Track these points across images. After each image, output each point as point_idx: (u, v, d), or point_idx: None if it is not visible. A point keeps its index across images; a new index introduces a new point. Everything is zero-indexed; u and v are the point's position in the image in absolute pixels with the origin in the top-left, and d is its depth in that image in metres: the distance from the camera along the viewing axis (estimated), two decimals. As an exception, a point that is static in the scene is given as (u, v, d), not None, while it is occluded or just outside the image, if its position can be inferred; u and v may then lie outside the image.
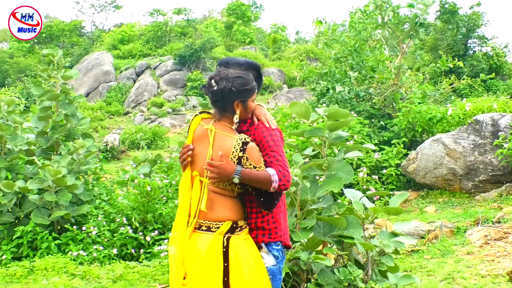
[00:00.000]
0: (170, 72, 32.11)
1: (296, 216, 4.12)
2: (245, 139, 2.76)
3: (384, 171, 9.53)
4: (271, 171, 2.72)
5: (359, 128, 10.29)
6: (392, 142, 10.35)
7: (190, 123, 2.96)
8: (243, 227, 2.83)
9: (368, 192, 4.65)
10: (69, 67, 28.94)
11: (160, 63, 33.39)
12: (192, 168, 2.87)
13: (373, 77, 11.91)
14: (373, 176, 9.27)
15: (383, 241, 4.02)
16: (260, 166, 2.73)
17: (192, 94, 29.62)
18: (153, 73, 32.56)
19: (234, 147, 2.75)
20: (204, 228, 2.80)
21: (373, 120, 11.57)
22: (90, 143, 7.65)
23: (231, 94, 2.78)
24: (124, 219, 7.08)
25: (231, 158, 2.74)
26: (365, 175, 9.03)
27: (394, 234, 4.16)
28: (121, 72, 33.25)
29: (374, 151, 9.62)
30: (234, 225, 2.80)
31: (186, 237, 2.79)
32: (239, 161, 2.74)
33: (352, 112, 11.18)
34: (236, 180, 2.69)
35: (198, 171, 2.84)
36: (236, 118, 2.83)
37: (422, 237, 6.70)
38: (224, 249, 2.75)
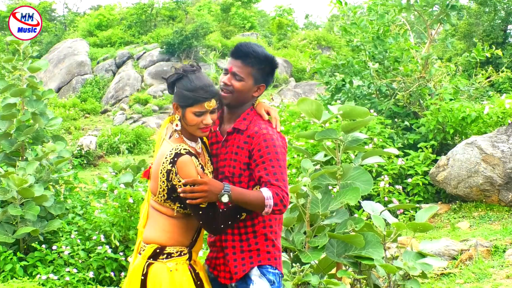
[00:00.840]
0: (157, 63, 32.17)
1: (305, 233, 4.12)
2: (180, 150, 2.73)
3: (409, 180, 9.53)
4: (266, 193, 2.74)
5: (379, 129, 10.30)
6: (418, 145, 10.34)
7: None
8: (173, 255, 2.79)
9: (390, 205, 4.65)
10: (37, 57, 29.02)
11: (144, 52, 33.45)
12: None
13: (397, 69, 11.91)
14: (396, 186, 9.26)
15: (408, 263, 4.02)
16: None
17: (183, 89, 29.70)
18: (136, 64, 32.64)
19: (165, 158, 2.74)
20: (140, 250, 2.86)
21: (396, 119, 11.57)
22: (61, 147, 7.65)
23: (173, 92, 2.85)
24: (102, 236, 7.07)
25: (160, 170, 2.74)
26: (387, 185, 9.02)
27: (421, 255, 4.16)
28: (98, 63, 33.33)
29: (397, 156, 9.61)
30: (158, 250, 2.78)
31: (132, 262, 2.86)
32: (168, 175, 2.73)
33: (372, 111, 11.19)
34: (225, 199, 2.67)
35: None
36: (176, 125, 2.83)
37: (454, 258, 6.69)
38: (143, 278, 2.75)
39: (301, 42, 36.40)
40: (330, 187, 4.32)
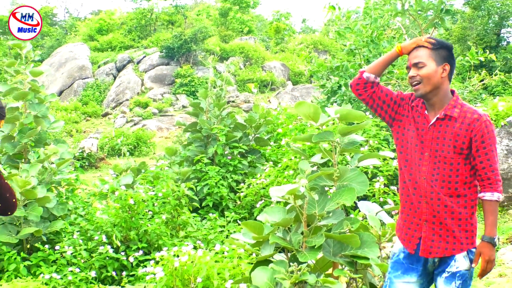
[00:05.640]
0: (156, 66, 32.21)
1: (302, 233, 4.14)
2: None
3: (404, 181, 9.51)
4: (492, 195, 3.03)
5: (375, 131, 10.25)
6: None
7: None
8: None
9: (385, 206, 4.64)
10: (39, 61, 29.03)
11: (144, 57, 33.49)
12: None
13: (392, 72, 11.90)
14: (392, 187, 9.15)
15: (403, 262, 4.05)
16: None
17: (182, 92, 29.76)
18: (136, 68, 32.67)
19: None
20: None
21: (391, 122, 11.56)
22: (63, 149, 7.70)
23: None
24: (104, 237, 7.11)
25: None
26: (382, 186, 8.96)
27: (416, 254, 4.20)
28: (99, 67, 33.34)
29: (393, 158, 9.55)
30: None
31: None
32: None
33: (368, 113, 11.10)
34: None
35: None
36: None
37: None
38: None
39: (298, 46, 36.45)
40: (326, 188, 4.33)
